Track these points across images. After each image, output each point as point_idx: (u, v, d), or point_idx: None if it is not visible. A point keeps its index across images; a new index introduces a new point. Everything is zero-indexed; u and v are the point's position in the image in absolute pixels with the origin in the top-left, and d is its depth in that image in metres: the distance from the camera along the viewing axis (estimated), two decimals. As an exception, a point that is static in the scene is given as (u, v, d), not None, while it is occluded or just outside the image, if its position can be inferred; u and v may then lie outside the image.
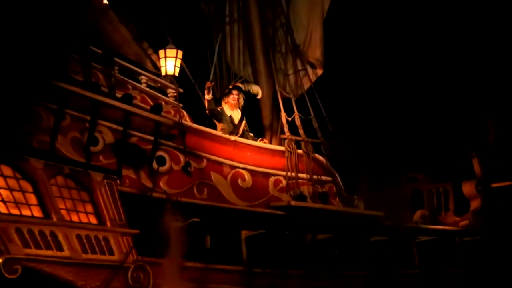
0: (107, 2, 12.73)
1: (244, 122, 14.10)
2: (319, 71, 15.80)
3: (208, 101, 13.87)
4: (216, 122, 14.08)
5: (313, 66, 15.81)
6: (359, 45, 21.34)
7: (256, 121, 15.08)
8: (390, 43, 21.81)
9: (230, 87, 14.29)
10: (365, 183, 16.18)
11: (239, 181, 13.02)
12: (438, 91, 21.89)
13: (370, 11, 21.19)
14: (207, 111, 13.95)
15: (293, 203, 13.22)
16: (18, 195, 9.71)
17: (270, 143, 14.65)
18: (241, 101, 14.27)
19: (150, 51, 13.21)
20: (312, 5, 15.83)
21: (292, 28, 15.85)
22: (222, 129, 13.77)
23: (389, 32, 21.66)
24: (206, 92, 13.87)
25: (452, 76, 21.68)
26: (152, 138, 11.73)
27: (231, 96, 14.12)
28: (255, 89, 14.60)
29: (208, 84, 13.96)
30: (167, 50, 13.09)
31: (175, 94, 12.77)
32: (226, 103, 14.13)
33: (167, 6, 15.48)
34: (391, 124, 21.48)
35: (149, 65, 13.22)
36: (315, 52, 15.70)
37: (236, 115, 14.09)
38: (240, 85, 14.34)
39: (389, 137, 21.17)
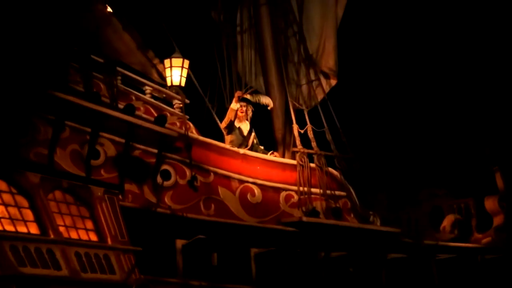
0: (111, 10, 12.58)
1: (253, 134, 13.92)
2: (333, 81, 15.61)
3: (233, 110, 13.75)
4: (225, 134, 13.87)
5: (327, 76, 15.61)
6: (374, 54, 21.12)
7: (267, 134, 14.87)
8: (408, 52, 21.58)
9: (239, 97, 14.10)
10: (382, 199, 16.00)
11: (248, 196, 12.80)
12: (460, 103, 21.64)
13: (386, 19, 20.97)
14: (227, 120, 13.75)
15: (305, 219, 12.97)
16: (13, 211, 9.41)
17: (283, 157, 14.41)
18: (250, 113, 14.09)
19: (156, 61, 13.14)
20: (325, 12, 15.66)
21: (304, 36, 15.70)
22: (231, 142, 13.60)
23: (406, 40, 21.46)
24: (235, 100, 13.79)
25: (474, 88, 21.44)
26: (156, 151, 11.55)
27: (239, 108, 13.94)
28: (265, 100, 14.42)
29: (239, 93, 13.91)
30: (173, 60, 12.97)
31: (181, 105, 12.61)
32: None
33: (174, 14, 15.39)
34: (409, 136, 21.21)
35: (155, 75, 13.16)
36: (329, 61, 15.50)
37: (245, 127, 13.93)
38: (248, 96, 14.16)
39: (407, 150, 20.90)
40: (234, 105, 13.82)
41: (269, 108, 14.51)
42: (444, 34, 21.87)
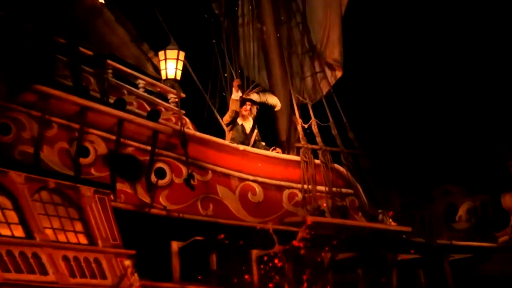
0: (103, 1, 12.41)
1: (256, 131, 13.72)
2: (338, 73, 15.46)
3: (235, 101, 13.54)
4: (226, 130, 13.68)
5: (332, 68, 15.46)
6: (382, 43, 20.86)
7: (269, 129, 14.68)
8: (419, 40, 21.32)
9: (244, 96, 13.90)
10: (395, 197, 15.88)
11: (249, 195, 12.62)
12: (474, 95, 21.42)
13: (393, 6, 20.71)
14: (231, 113, 13.54)
15: (310, 218, 12.62)
16: (-4, 213, 9.26)
17: (288, 154, 14.19)
18: (254, 111, 13.89)
19: (151, 54, 13.06)
20: (329, 0, 15.50)
21: (308, 26, 15.50)
22: (232, 139, 13.40)
23: (416, 28, 21.16)
24: (234, 90, 13.61)
25: (489, 80, 21.24)
26: (150, 148, 11.33)
27: (244, 107, 13.75)
28: (273, 100, 14.19)
29: (238, 81, 13.78)
30: (168, 51, 12.77)
31: (177, 99, 12.42)
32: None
33: (172, 5, 15.29)
34: (421, 130, 21.00)
35: (150, 69, 13.08)
36: (333, 52, 15.35)
37: (248, 124, 13.74)
38: (254, 96, 13.93)
39: (420, 145, 20.70)
40: (235, 95, 13.63)
41: (276, 109, 14.34)
42: (461, 19, 21.55)
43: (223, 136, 13.41)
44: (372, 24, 20.31)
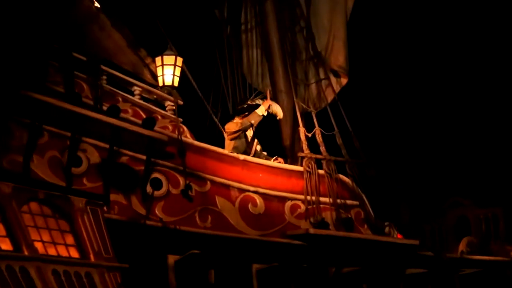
0: (99, 6, 12.25)
1: (256, 140, 13.61)
2: (344, 80, 15.37)
3: (259, 117, 13.41)
4: (227, 138, 13.53)
5: (337, 75, 15.37)
6: (389, 49, 20.76)
7: (271, 140, 14.62)
8: (429, 46, 21.22)
9: (249, 102, 13.87)
10: (404, 209, 15.85)
11: (250, 206, 12.41)
12: (485, 104, 21.32)
13: (400, 10, 20.58)
14: (246, 123, 13.38)
15: (313, 231, 12.53)
16: (-18, 225, 9.06)
17: (291, 163, 14.01)
18: None
19: (148, 60, 12.92)
20: (334, 5, 15.43)
21: (313, 32, 15.44)
22: (235, 147, 13.24)
23: (424, 33, 21.08)
24: (264, 106, 13.50)
25: (500, 89, 21.15)
26: (145, 157, 11.15)
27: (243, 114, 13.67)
28: (275, 108, 14.00)
29: (270, 102, 13.68)
30: (165, 57, 12.60)
31: (174, 107, 12.26)
32: (241, 118, 13.63)
33: (172, 10, 15.19)
34: (430, 141, 20.88)
35: (148, 76, 12.95)
36: (338, 58, 15.25)
37: (249, 133, 13.61)
38: (259, 102, 13.86)
39: (430, 156, 20.59)
40: (263, 111, 13.47)
41: (278, 118, 14.16)
42: (468, 27, 21.45)
43: (222, 145, 13.22)
44: (379, 29, 20.24)
